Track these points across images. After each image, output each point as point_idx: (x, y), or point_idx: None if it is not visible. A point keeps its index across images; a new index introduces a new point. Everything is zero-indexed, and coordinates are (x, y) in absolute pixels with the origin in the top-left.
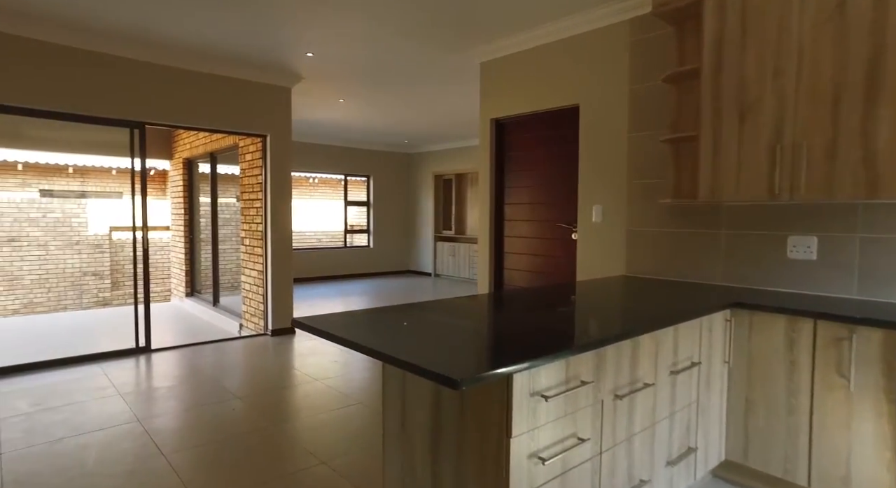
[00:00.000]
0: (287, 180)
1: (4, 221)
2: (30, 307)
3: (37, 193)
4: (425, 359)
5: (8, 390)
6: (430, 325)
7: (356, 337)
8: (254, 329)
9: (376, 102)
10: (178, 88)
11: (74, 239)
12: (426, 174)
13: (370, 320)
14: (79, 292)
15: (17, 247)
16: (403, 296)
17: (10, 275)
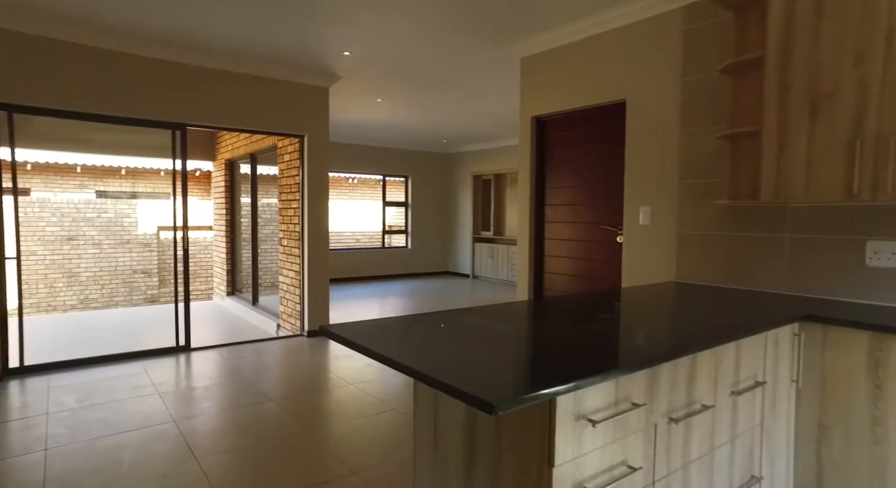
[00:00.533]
0: (324, 181)
1: (64, 221)
2: (86, 302)
3: (93, 194)
4: (458, 376)
5: (59, 385)
6: (466, 336)
7: (386, 349)
8: (290, 329)
9: (414, 102)
10: (218, 90)
11: (125, 238)
12: (464, 174)
13: (403, 329)
14: (129, 289)
15: (74, 246)
16: (441, 297)
17: (69, 272)
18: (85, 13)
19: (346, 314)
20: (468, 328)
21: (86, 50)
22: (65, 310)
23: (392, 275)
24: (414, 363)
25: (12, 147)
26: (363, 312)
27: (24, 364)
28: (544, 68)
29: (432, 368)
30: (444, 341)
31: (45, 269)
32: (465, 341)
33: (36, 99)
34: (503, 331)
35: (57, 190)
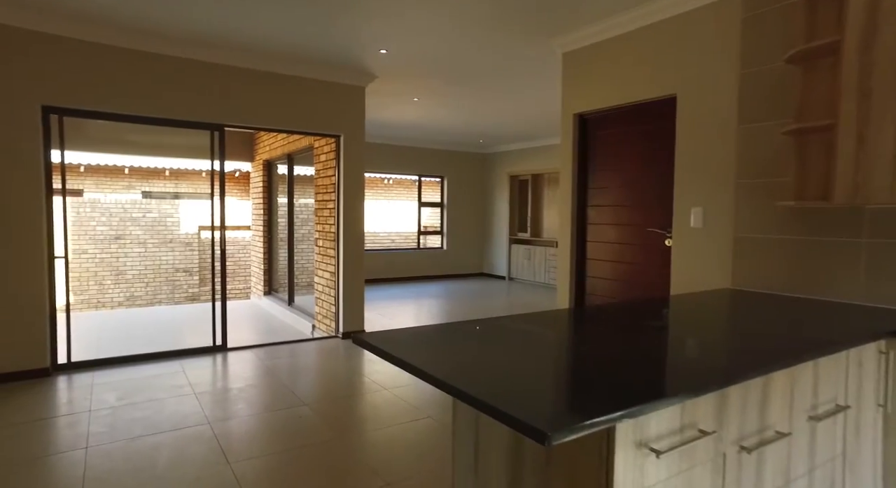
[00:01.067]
0: (360, 181)
1: (112, 220)
2: (131, 300)
3: (139, 195)
4: (504, 396)
5: (102, 382)
6: (509, 348)
7: (424, 363)
8: (325, 331)
9: (452, 101)
10: (254, 90)
11: (168, 237)
12: (501, 175)
13: (441, 339)
14: (171, 287)
15: (122, 245)
16: (476, 300)
17: (116, 270)
18: (128, 17)
19: (381, 315)
20: (510, 339)
21: (128, 53)
22: (112, 306)
23: (427, 276)
24: (456, 380)
25: (62, 150)
26: (398, 314)
27: (71, 360)
28: (587, 63)
29: (475, 387)
30: (485, 354)
31: (95, 267)
32: (509, 354)
33: (83, 102)
34: (548, 342)
35: (107, 190)
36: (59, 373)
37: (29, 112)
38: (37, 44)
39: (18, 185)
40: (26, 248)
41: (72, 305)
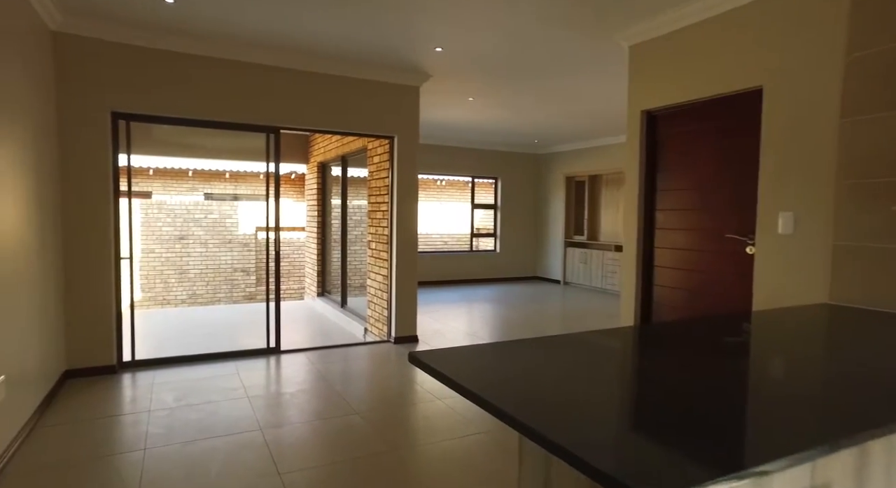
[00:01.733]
0: (413, 183)
1: (177, 221)
2: (193, 298)
3: (202, 196)
4: (585, 440)
5: (162, 381)
6: (580, 373)
7: (488, 390)
8: (378, 335)
9: (507, 100)
10: (309, 92)
11: (227, 237)
12: (556, 176)
13: (501, 359)
14: (230, 286)
15: (185, 245)
16: (530, 304)
17: (180, 269)
18: (186, 22)
19: (433, 319)
20: (580, 361)
21: (188, 58)
22: (176, 303)
23: (479, 279)
24: (528, 416)
25: (129, 153)
26: (450, 319)
27: (136, 358)
28: (657, 56)
29: (551, 426)
30: (555, 380)
31: (161, 266)
32: (582, 382)
33: (148, 107)
34: (625, 367)
35: (172, 192)
36: (124, 371)
37: (100, 118)
38: (107, 52)
39: (90, 188)
40: (96, 249)
41: (140, 302)
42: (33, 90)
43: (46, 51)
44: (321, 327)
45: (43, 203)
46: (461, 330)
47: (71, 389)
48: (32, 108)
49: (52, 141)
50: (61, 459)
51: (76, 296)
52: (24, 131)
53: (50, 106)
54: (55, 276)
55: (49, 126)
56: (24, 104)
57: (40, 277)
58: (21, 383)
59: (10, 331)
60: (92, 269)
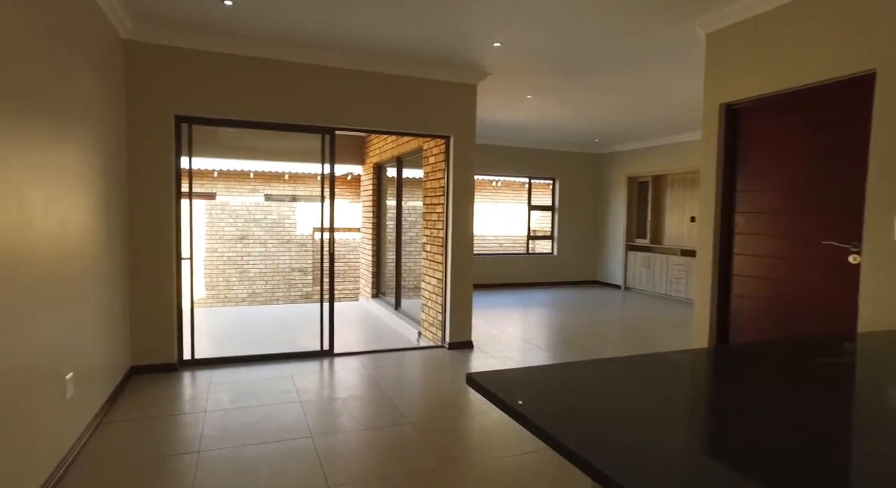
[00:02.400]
0: (469, 184)
1: (238, 221)
2: (253, 296)
3: (262, 197)
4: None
5: (219, 381)
6: (660, 408)
7: (556, 426)
8: (431, 339)
9: (568, 96)
10: (364, 92)
11: (286, 238)
12: (618, 176)
13: (568, 385)
14: (288, 286)
15: (246, 244)
16: (589, 310)
17: (241, 269)
18: (242, 25)
19: (488, 324)
20: (660, 390)
21: (245, 60)
22: (237, 302)
23: (535, 282)
24: (610, 466)
25: (190, 156)
26: (505, 324)
27: (195, 357)
28: (739, 43)
29: (635, 477)
30: (633, 414)
31: (223, 264)
32: (665, 418)
33: (209, 111)
34: (708, 398)
35: (235, 194)
36: (184, 369)
37: (164, 122)
38: (169, 57)
39: (155, 190)
40: (159, 249)
41: (204, 300)
42: (106, 97)
43: (118, 58)
44: (375, 329)
45: (111, 205)
46: (517, 336)
47: (136, 385)
48: (104, 115)
49: (121, 145)
50: (123, 457)
51: (141, 295)
52: (97, 137)
53: (120, 111)
54: (122, 275)
55: (118, 131)
56: (97, 111)
57: (108, 276)
58: (90, 379)
59: (79, 329)
60: (155, 269)
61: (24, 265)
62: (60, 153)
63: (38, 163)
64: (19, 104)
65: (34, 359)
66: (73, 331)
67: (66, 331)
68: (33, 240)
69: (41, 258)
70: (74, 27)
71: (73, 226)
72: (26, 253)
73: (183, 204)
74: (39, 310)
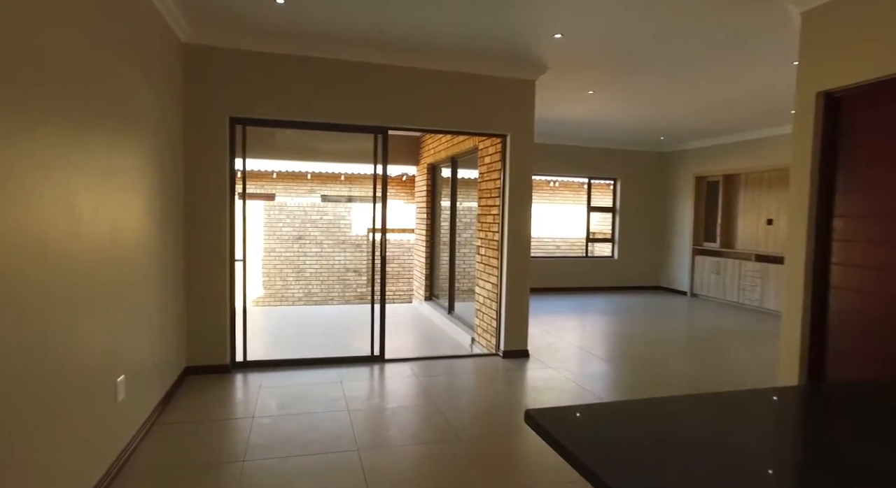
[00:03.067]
0: (527, 185)
1: (295, 222)
2: (308, 296)
3: (319, 198)
4: None
5: (269, 385)
6: (757, 464)
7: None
8: (485, 346)
9: (634, 91)
10: (417, 90)
11: (341, 238)
12: (684, 176)
13: (642, 430)
14: (342, 286)
15: (302, 244)
16: (653, 319)
17: (297, 268)
18: (294, 24)
19: (544, 332)
20: (756, 440)
21: (295, 61)
22: (293, 301)
23: (594, 287)
24: None
25: (244, 158)
26: (563, 331)
27: (247, 359)
28: (842, 21)
29: None
30: (725, 470)
31: (281, 264)
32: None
33: (262, 112)
34: (821, 457)
35: (293, 194)
36: (237, 371)
37: (219, 124)
38: (224, 59)
39: (210, 192)
40: (213, 250)
41: (262, 299)
42: (165, 101)
43: (177, 62)
44: (427, 333)
45: (165, 207)
46: (575, 345)
47: (189, 386)
48: (163, 118)
49: (177, 148)
50: (170, 464)
51: (196, 296)
52: (151, 140)
53: (176, 114)
54: (177, 277)
55: (174, 133)
56: (156, 115)
57: (163, 278)
58: (144, 380)
59: (133, 331)
60: (210, 271)
61: (74, 268)
62: (113, 157)
63: (89, 166)
64: (76, 111)
65: (86, 361)
66: (126, 333)
67: (118, 334)
68: (82, 242)
69: (91, 260)
70: (135, 33)
71: (125, 228)
72: (75, 255)
73: (239, 205)
74: (89, 313)
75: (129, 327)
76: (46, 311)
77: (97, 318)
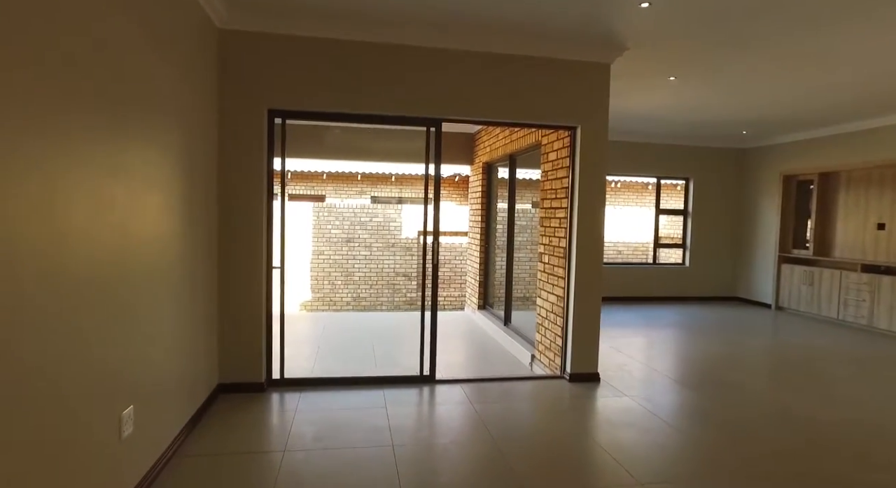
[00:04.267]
0: (600, 184)
1: (344, 224)
2: (357, 301)
3: (369, 200)
4: None
5: (306, 408)
6: None
7: None
8: (548, 367)
9: (722, 75)
10: (474, 77)
11: (391, 241)
12: (769, 174)
13: None
14: (392, 291)
15: (351, 247)
16: (733, 335)
17: (346, 272)
18: (339, 4)
19: (612, 348)
20: None
21: (340, 45)
22: (341, 305)
23: (663, 297)
24: None
25: (283, 154)
26: (634, 349)
27: (284, 376)
28: None
29: None
30: None
31: (329, 267)
32: None
33: (303, 104)
34: None
35: (343, 196)
36: (273, 388)
37: (256, 117)
38: (263, 45)
39: (246, 192)
40: (248, 258)
41: (309, 304)
42: (196, 92)
43: (212, 50)
44: (481, 347)
45: (194, 208)
46: (651, 367)
47: (220, 408)
48: (194, 110)
49: (210, 143)
50: None
51: (229, 307)
52: (184, 135)
53: (210, 106)
54: (208, 285)
55: (207, 127)
56: (184, 106)
57: (190, 285)
58: (162, 404)
59: (147, 351)
60: (244, 279)
61: (56, 280)
62: (127, 154)
63: (92, 162)
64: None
65: (76, 392)
66: (135, 353)
67: (124, 355)
68: (71, 249)
69: (84, 269)
70: (169, 20)
71: (137, 233)
72: (59, 263)
73: (279, 207)
74: (79, 332)
75: (140, 346)
76: (13, 333)
77: (91, 337)
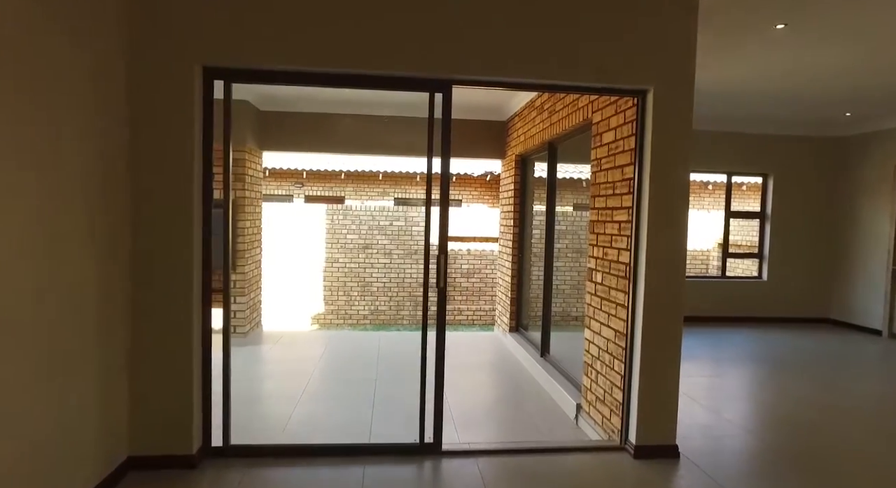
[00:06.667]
0: (682, 175)
1: (361, 228)
2: (374, 314)
3: (392, 202)
4: None
5: None
6: None
7: None
8: (601, 426)
9: (857, 16)
10: (498, 14)
11: (413, 248)
12: (878, 168)
13: None
14: (413, 304)
15: (369, 255)
16: (830, 373)
17: (363, 281)
18: None
19: (687, 397)
20: None
21: None
22: (357, 320)
23: (733, 317)
24: None
25: (227, 138)
26: (715, 397)
27: (230, 443)
28: None
29: None
30: None
31: (344, 277)
32: None
33: (254, 59)
34: None
35: (364, 197)
36: (209, 463)
37: (185, 77)
38: None
39: (168, 191)
40: (173, 278)
41: (322, 318)
42: (84, 50)
43: None
44: (512, 384)
45: (86, 219)
46: (747, 428)
47: None
48: (89, 76)
49: (117, 122)
50: None
51: (143, 348)
52: (55, 113)
53: (114, 71)
54: (110, 316)
55: (112, 99)
56: (70, 73)
57: (74, 319)
58: None
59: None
60: (166, 306)
61: None
62: None
63: None
64: None
65: None
66: None
67: None
68: None
69: None
70: None
71: None
72: None
73: (265, 208)
74: None
75: None
76: None
77: None
